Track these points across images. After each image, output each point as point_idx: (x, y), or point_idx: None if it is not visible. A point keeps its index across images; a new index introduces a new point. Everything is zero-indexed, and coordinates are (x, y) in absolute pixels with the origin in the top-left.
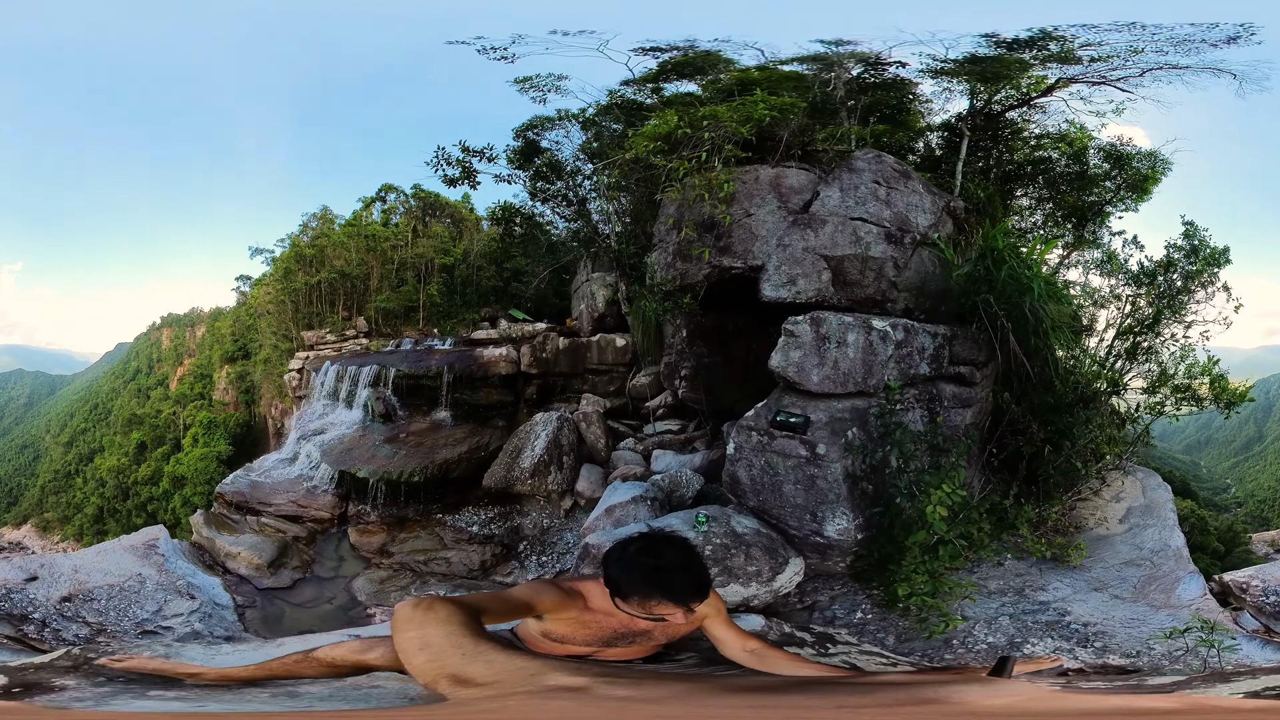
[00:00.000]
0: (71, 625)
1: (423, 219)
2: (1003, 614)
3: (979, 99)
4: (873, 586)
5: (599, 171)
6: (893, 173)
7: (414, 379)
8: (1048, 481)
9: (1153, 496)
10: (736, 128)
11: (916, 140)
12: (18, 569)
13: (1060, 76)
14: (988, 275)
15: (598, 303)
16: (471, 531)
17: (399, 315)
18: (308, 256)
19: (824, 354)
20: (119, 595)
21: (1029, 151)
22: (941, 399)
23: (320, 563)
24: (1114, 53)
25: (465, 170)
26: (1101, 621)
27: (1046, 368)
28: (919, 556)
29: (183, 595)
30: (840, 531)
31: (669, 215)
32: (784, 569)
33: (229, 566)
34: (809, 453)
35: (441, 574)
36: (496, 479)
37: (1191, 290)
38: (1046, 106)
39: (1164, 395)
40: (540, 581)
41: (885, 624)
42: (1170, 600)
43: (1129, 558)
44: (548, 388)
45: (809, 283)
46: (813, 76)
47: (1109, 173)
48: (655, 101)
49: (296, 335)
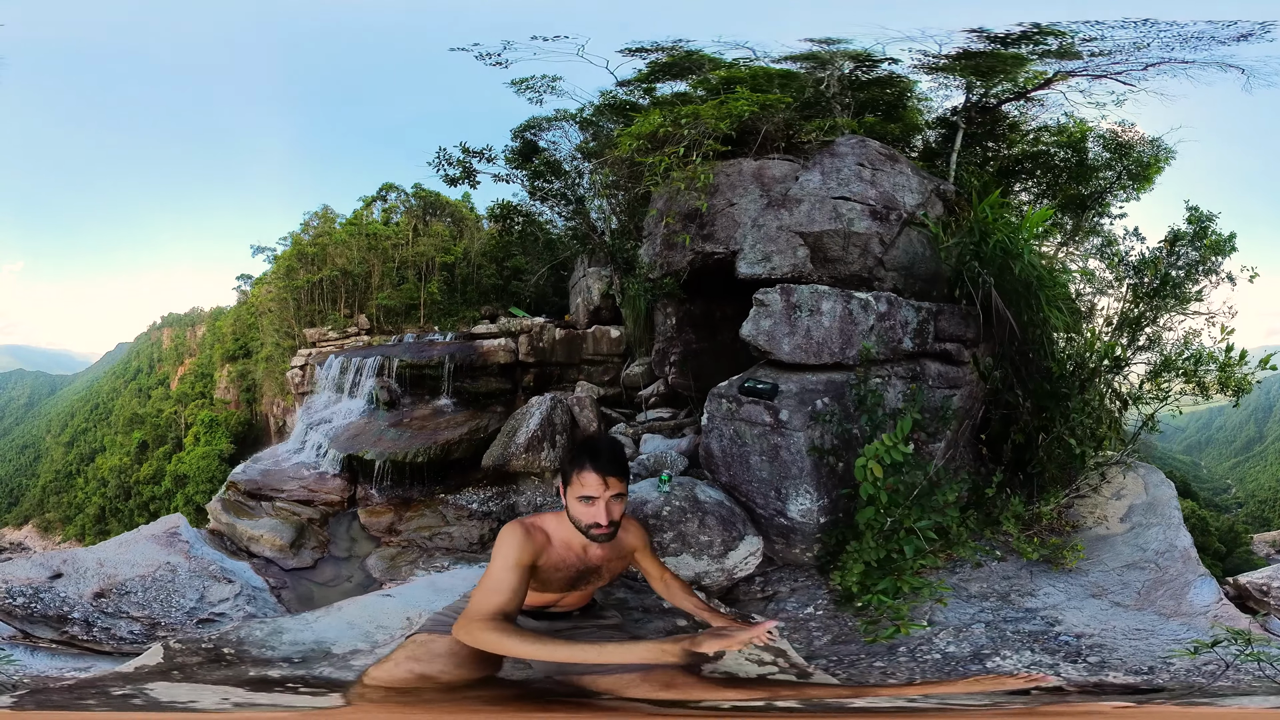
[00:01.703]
0: (119, 622)
1: (423, 218)
2: (978, 621)
3: (975, 93)
4: (835, 581)
5: (595, 170)
6: (878, 155)
7: (417, 368)
8: (1041, 475)
9: (1156, 494)
10: (716, 124)
11: (913, 135)
12: (39, 566)
13: (1058, 70)
14: (976, 246)
15: (593, 296)
16: (471, 509)
17: (400, 313)
18: (310, 254)
19: (795, 322)
20: (155, 586)
21: (1027, 145)
22: (926, 377)
23: (335, 543)
24: (1116, 48)
25: (466, 170)
26: (1099, 632)
27: (1042, 349)
28: (871, 543)
29: (219, 580)
30: (803, 512)
31: (656, 208)
32: (737, 545)
33: (253, 550)
34: (773, 419)
35: (445, 548)
36: (494, 457)
37: (1196, 279)
38: (1044, 100)
39: (1168, 380)
40: (509, 537)
41: (832, 622)
42: (1181, 607)
43: (1131, 560)
44: (545, 376)
45: (784, 259)
46: (806, 74)
47: (1109, 161)
48: (648, 101)
49: (299, 333)
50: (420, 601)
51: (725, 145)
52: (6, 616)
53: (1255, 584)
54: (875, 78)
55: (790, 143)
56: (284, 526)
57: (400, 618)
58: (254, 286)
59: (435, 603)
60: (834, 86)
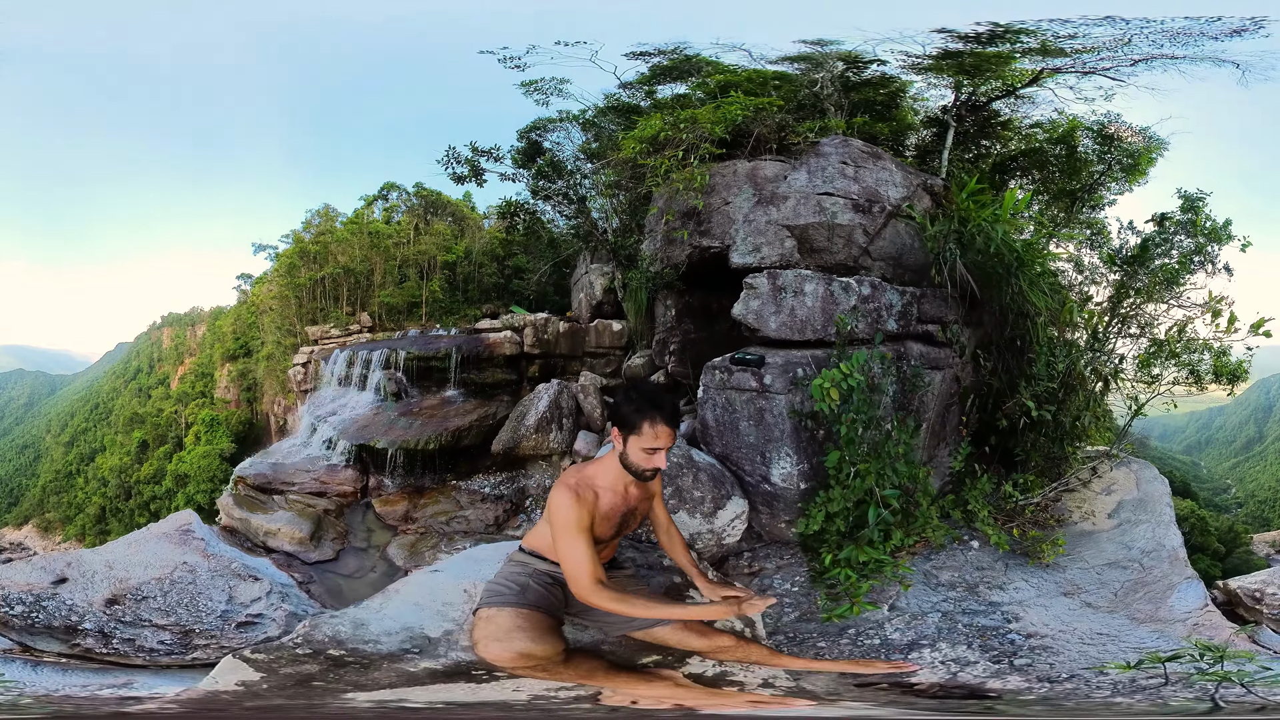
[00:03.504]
0: (143, 631)
1: (424, 217)
2: (937, 610)
3: (963, 91)
4: (799, 529)
5: (598, 171)
6: (860, 153)
7: (424, 360)
8: (1026, 464)
9: (1147, 490)
10: (712, 128)
11: (906, 135)
12: (40, 570)
13: (1044, 67)
14: (958, 231)
15: (595, 291)
16: (484, 493)
17: (402, 311)
18: (312, 252)
19: (780, 302)
20: (175, 589)
21: (1019, 142)
22: (909, 357)
23: (353, 534)
24: (1098, 44)
25: (474, 169)
26: (1054, 634)
27: (1028, 334)
28: (838, 494)
29: (244, 578)
30: (784, 477)
31: (657, 207)
32: (725, 505)
33: (270, 545)
34: (758, 384)
35: (463, 531)
36: (504, 442)
37: (1190, 268)
38: (1034, 97)
39: (1161, 365)
40: (564, 505)
41: (805, 599)
42: (1159, 612)
43: (1114, 558)
44: (549, 368)
45: (772, 249)
46: (801, 76)
47: (1101, 154)
48: (649, 104)
49: (300, 331)
50: (467, 573)
51: (720, 148)
52: (2, 628)
53: (1248, 590)
54: (867, 79)
55: (782, 144)
56: (301, 519)
57: (458, 590)
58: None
59: (480, 573)
60: (828, 87)
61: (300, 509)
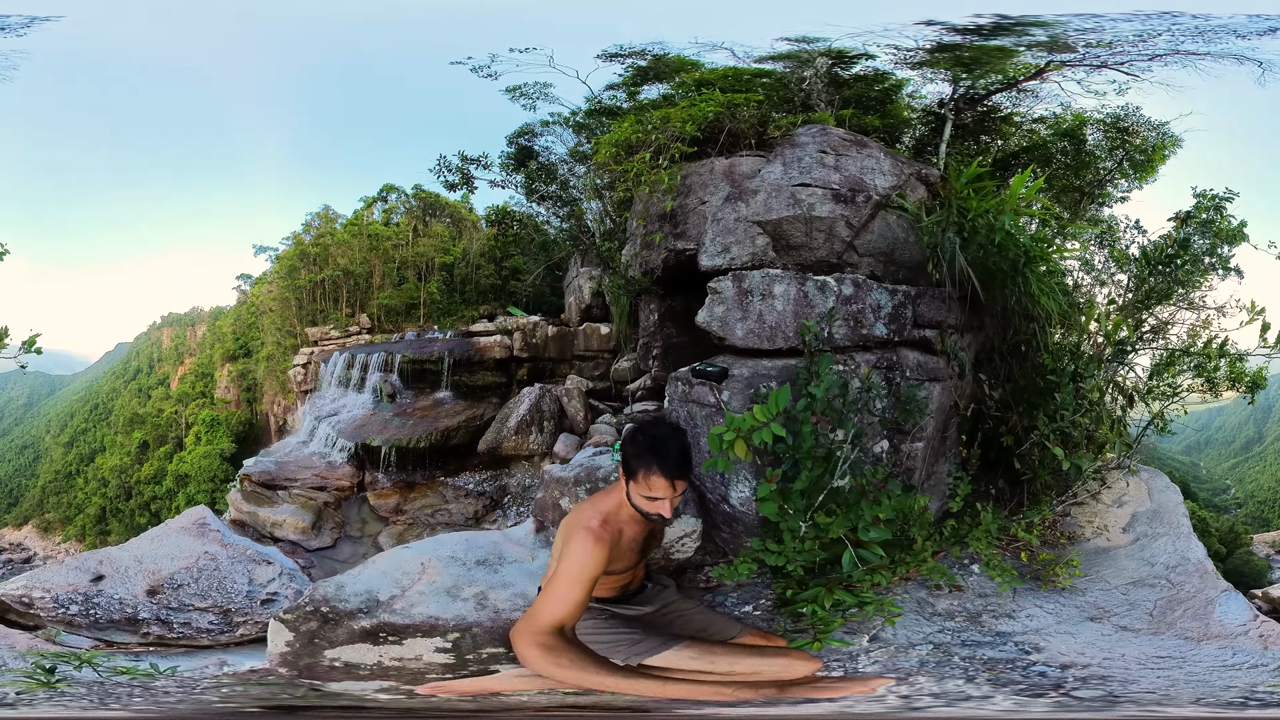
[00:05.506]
0: (191, 614)
1: (423, 219)
2: (929, 641)
3: (961, 85)
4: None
5: (587, 173)
6: (841, 141)
7: (418, 363)
8: (1033, 482)
9: (1161, 500)
10: (683, 127)
11: (900, 130)
12: (76, 570)
13: (1050, 60)
14: (958, 223)
15: (584, 295)
16: (468, 489)
17: (400, 312)
18: (312, 254)
19: (747, 307)
20: (204, 576)
21: (1021, 138)
22: (903, 368)
23: (349, 524)
24: (1118, 39)
25: (464, 176)
26: (1099, 662)
27: (1035, 339)
28: (790, 544)
29: (258, 563)
30: (742, 501)
31: (635, 210)
32: (674, 522)
33: (277, 535)
34: (715, 399)
35: (446, 523)
36: (489, 442)
37: (1204, 270)
38: (1038, 91)
39: (1183, 371)
40: (583, 550)
41: (765, 625)
42: (1210, 629)
43: (1137, 576)
44: (538, 371)
45: (742, 249)
46: (789, 73)
47: (1110, 149)
48: (630, 105)
49: (300, 332)
50: (429, 551)
51: (692, 147)
52: (70, 628)
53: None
54: (859, 75)
55: (762, 140)
56: (303, 511)
57: (416, 564)
58: (254, 286)
59: (438, 552)
60: (817, 84)
61: (303, 502)
